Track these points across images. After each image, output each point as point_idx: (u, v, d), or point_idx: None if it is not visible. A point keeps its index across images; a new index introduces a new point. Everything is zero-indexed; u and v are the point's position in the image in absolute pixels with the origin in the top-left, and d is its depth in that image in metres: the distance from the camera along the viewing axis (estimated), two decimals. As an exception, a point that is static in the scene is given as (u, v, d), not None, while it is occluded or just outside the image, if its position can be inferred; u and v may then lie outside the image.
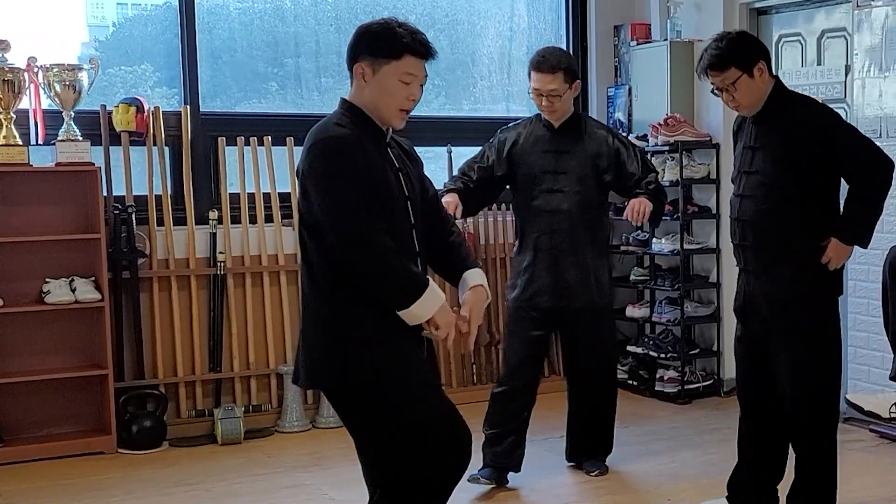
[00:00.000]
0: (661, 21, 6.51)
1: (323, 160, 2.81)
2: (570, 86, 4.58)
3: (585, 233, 4.61)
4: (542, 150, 4.65)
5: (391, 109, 2.91)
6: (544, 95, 4.54)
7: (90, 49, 5.90)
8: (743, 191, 3.79)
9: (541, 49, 4.66)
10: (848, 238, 3.68)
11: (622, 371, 6.60)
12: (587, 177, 4.60)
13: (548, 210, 4.59)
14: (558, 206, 4.57)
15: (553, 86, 4.52)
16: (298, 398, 5.71)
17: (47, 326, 5.30)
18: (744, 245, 3.80)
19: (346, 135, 2.84)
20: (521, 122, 4.82)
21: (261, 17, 6.13)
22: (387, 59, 2.87)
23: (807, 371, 3.73)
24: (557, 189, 4.60)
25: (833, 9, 5.74)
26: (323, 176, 2.80)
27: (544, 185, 4.61)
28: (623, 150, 4.64)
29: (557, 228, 4.57)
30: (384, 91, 2.89)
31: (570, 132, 4.65)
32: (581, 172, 4.60)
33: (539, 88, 4.55)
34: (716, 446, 5.17)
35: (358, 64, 2.91)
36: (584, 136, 4.65)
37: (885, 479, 4.68)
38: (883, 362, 5.32)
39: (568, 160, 4.61)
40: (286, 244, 5.84)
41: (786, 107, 3.72)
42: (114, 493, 4.69)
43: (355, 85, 2.95)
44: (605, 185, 4.66)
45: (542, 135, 4.67)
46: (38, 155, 5.29)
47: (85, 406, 5.40)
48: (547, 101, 4.55)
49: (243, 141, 5.78)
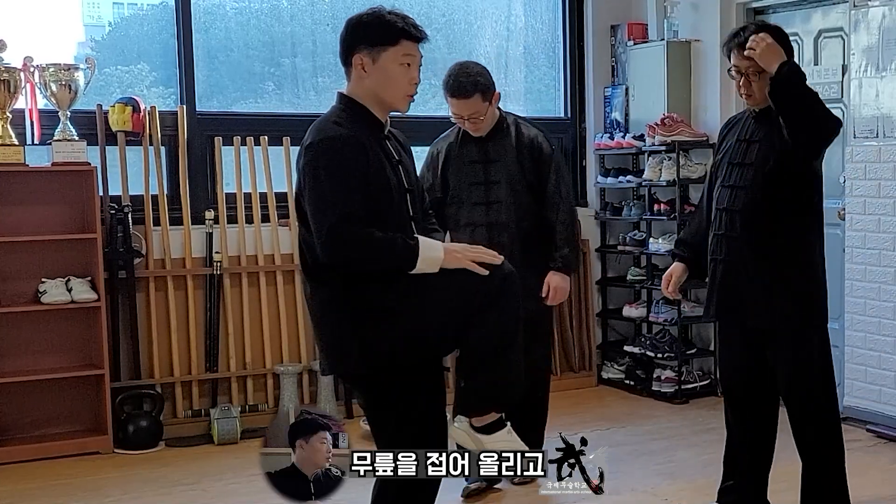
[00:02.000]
0: (657, 21, 6.51)
1: (317, 160, 2.83)
2: (490, 101, 4.42)
3: (523, 245, 4.44)
4: (470, 161, 4.50)
5: (397, 95, 2.94)
6: (467, 119, 4.41)
7: (86, 49, 5.90)
8: (734, 182, 3.77)
9: (452, 70, 4.41)
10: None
11: (619, 370, 6.62)
12: (516, 183, 4.45)
13: (482, 224, 4.45)
14: (495, 219, 4.45)
15: (473, 109, 4.37)
16: (295, 398, 5.70)
17: (43, 326, 5.29)
18: (730, 235, 3.79)
19: (343, 134, 2.85)
20: (450, 131, 4.64)
21: (257, 16, 6.12)
22: (384, 45, 2.90)
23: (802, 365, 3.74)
24: (491, 200, 4.46)
25: (830, 9, 5.74)
26: (314, 175, 2.82)
27: (476, 197, 4.46)
28: (545, 153, 4.47)
29: (496, 241, 4.33)
30: (388, 78, 2.91)
31: (495, 138, 4.49)
32: (511, 179, 4.45)
33: (458, 114, 4.41)
34: (713, 446, 5.15)
35: (356, 56, 2.93)
36: (510, 140, 4.49)
37: (883, 478, 4.68)
38: (880, 362, 5.33)
39: (496, 169, 4.46)
40: (282, 244, 5.83)
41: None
42: (110, 493, 4.68)
43: (354, 77, 2.96)
44: (534, 188, 4.48)
45: (470, 146, 4.51)
46: (34, 155, 5.28)
47: (81, 406, 5.39)
48: (471, 123, 4.42)
49: (240, 141, 5.77)
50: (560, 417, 4.92)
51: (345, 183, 2.80)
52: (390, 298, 2.85)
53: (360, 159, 2.84)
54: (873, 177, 5.32)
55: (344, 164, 2.81)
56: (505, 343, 2.89)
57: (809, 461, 3.84)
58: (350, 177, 2.81)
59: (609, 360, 6.74)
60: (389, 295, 2.85)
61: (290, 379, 5.69)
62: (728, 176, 3.81)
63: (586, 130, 6.87)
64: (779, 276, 3.71)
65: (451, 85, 4.38)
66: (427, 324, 2.87)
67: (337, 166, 2.81)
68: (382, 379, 2.95)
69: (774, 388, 3.85)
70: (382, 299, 2.85)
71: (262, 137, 5.81)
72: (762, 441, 3.94)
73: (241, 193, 5.76)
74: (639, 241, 6.49)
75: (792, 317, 3.70)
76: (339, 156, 2.82)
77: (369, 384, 3.02)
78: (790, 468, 3.97)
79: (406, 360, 2.91)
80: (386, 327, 2.86)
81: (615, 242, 6.67)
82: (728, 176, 3.81)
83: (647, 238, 6.42)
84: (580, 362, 6.69)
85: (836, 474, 3.83)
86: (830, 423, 3.82)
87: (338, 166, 2.81)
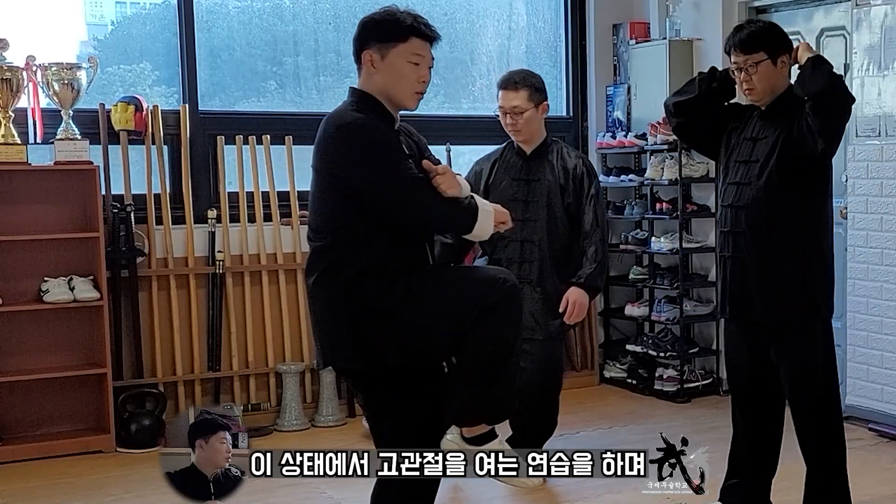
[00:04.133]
0: (660, 20, 6.51)
1: (351, 143, 2.86)
2: (537, 106, 4.56)
3: (554, 263, 4.57)
4: (511, 178, 4.64)
5: (405, 92, 2.97)
6: (508, 113, 4.53)
7: (89, 48, 5.90)
8: (740, 179, 3.79)
9: (511, 70, 4.68)
10: None
11: (621, 369, 6.62)
12: (555, 205, 4.58)
13: (517, 240, 4.55)
14: (529, 237, 4.55)
15: (515, 102, 4.51)
16: (297, 397, 5.71)
17: (46, 325, 5.29)
18: (736, 231, 3.80)
19: (365, 118, 2.90)
20: (495, 150, 4.80)
21: (259, 15, 6.12)
22: (394, 42, 2.93)
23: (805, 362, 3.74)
24: (528, 218, 4.57)
25: (832, 7, 5.73)
26: (358, 157, 2.85)
27: (514, 214, 4.57)
28: (587, 184, 4.59)
29: (528, 258, 4.55)
30: (395, 74, 2.94)
31: (539, 158, 4.63)
32: (549, 200, 4.58)
33: (503, 106, 4.55)
34: (715, 445, 5.10)
35: (366, 52, 2.96)
36: (553, 162, 4.62)
37: (884, 477, 4.68)
38: (882, 361, 5.33)
39: (537, 188, 4.58)
40: (285, 243, 5.84)
41: (795, 108, 3.75)
42: (112, 491, 4.69)
43: (364, 74, 2.99)
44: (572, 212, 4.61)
45: (514, 162, 4.66)
46: (36, 154, 5.28)
47: (84, 405, 5.39)
48: (511, 118, 4.53)
49: (242, 140, 5.77)
50: (562, 416, 4.92)
51: (385, 148, 2.86)
52: (390, 300, 2.86)
53: (387, 135, 2.90)
54: (875, 176, 5.32)
55: (375, 137, 2.86)
56: (499, 358, 2.89)
57: (812, 460, 3.84)
58: (387, 145, 2.87)
59: (611, 359, 6.74)
60: (389, 297, 2.86)
61: (292, 378, 5.69)
62: (734, 173, 3.82)
63: (588, 129, 6.88)
64: (785, 272, 3.72)
65: (503, 78, 4.59)
66: (423, 329, 2.88)
67: (379, 139, 2.87)
68: (381, 378, 2.96)
69: (780, 387, 3.85)
70: (381, 300, 2.86)
71: (264, 136, 5.81)
72: (767, 441, 3.94)
73: (243, 192, 5.76)
74: (641, 240, 6.49)
75: (799, 310, 3.71)
76: (378, 131, 2.88)
77: (369, 382, 3.03)
78: (794, 467, 3.97)
79: (399, 362, 2.91)
80: (382, 327, 2.87)
81: (617, 241, 6.67)
82: (734, 173, 3.82)
83: (649, 237, 6.42)
84: (582, 361, 6.69)
85: (837, 473, 3.83)
86: (832, 422, 3.82)
87: (380, 139, 2.87)
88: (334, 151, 2.89)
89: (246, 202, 5.76)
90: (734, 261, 3.82)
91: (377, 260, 2.88)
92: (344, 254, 2.89)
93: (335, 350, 2.95)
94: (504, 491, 4.56)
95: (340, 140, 2.88)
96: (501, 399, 2.95)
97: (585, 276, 4.56)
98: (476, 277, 2.98)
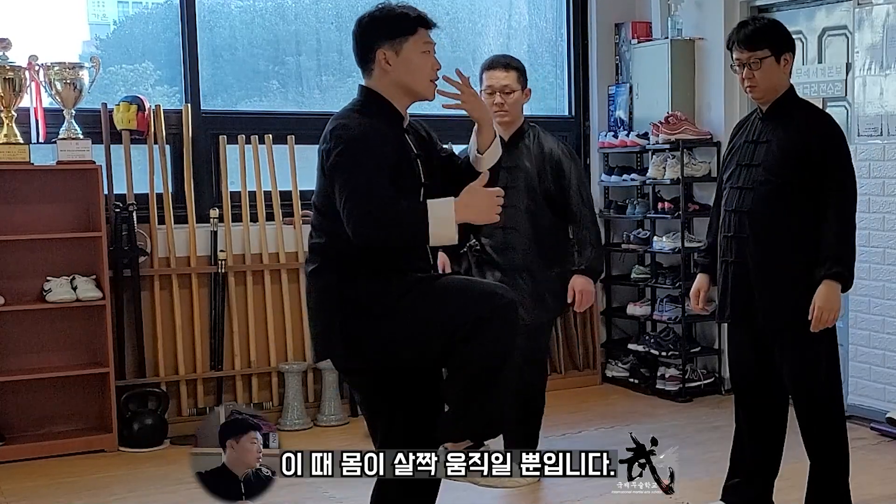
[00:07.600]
0: (661, 19, 6.51)
1: (338, 145, 2.87)
2: (523, 90, 4.55)
3: (538, 248, 4.54)
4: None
5: (423, 82, 3.01)
6: (497, 91, 4.49)
7: (91, 47, 5.90)
8: (743, 183, 3.79)
9: (493, 56, 4.68)
10: (837, 273, 3.63)
11: (623, 368, 6.62)
12: (535, 190, 4.53)
13: (499, 227, 4.46)
14: (510, 224, 4.47)
15: (506, 81, 4.50)
16: (300, 396, 5.71)
17: (48, 325, 5.30)
18: (740, 237, 3.80)
19: (361, 123, 2.90)
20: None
21: (262, 15, 6.13)
22: (404, 36, 2.96)
23: (810, 365, 3.74)
24: (508, 205, 4.54)
25: (834, 7, 5.73)
26: (340, 161, 2.86)
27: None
28: (566, 166, 4.55)
29: (511, 245, 4.51)
30: (412, 67, 2.98)
31: (516, 144, 4.56)
32: (529, 186, 4.52)
33: (492, 84, 4.50)
34: (717, 444, 5.16)
35: (378, 51, 2.97)
36: (530, 146, 4.57)
37: (886, 476, 4.68)
38: (884, 360, 5.33)
39: (516, 174, 4.51)
40: (287, 242, 5.84)
41: (797, 110, 3.76)
42: (115, 491, 4.69)
43: (376, 72, 3.00)
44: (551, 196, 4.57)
45: None
46: (39, 153, 5.29)
47: (86, 404, 5.40)
48: (500, 97, 4.48)
49: (244, 139, 5.78)
50: (564, 415, 4.93)
51: (372, 167, 2.84)
52: (382, 302, 2.87)
53: (385, 148, 2.89)
54: (877, 175, 5.32)
55: (369, 149, 2.86)
56: (488, 374, 2.84)
57: (814, 459, 3.84)
58: (375, 160, 2.85)
59: (613, 359, 6.75)
60: (382, 299, 2.87)
61: (294, 377, 5.70)
62: (736, 177, 3.82)
63: (590, 129, 6.87)
64: (789, 276, 3.70)
65: (490, 59, 4.59)
66: (412, 334, 2.87)
67: (363, 151, 2.85)
68: (375, 376, 2.97)
69: (784, 388, 3.85)
70: (374, 302, 2.87)
71: (266, 136, 5.81)
72: (770, 440, 3.94)
73: (245, 192, 5.77)
74: (643, 240, 6.49)
75: (802, 315, 3.71)
76: (365, 140, 2.87)
77: (365, 381, 3.03)
78: (796, 466, 3.98)
79: (388, 363, 2.92)
80: (373, 328, 2.87)
81: (619, 241, 6.67)
82: (736, 177, 3.82)
83: (651, 236, 6.42)
84: (584, 360, 6.69)
85: (838, 473, 3.83)
86: (835, 423, 3.82)
87: (363, 151, 2.85)
88: (326, 152, 2.91)
89: (248, 202, 5.77)
90: (736, 266, 3.82)
91: (373, 260, 2.88)
92: (340, 252, 2.91)
93: (327, 347, 2.98)
94: (504, 491, 4.57)
95: (332, 142, 2.90)
96: (489, 416, 2.89)
97: (586, 261, 4.55)
98: (472, 289, 2.93)
